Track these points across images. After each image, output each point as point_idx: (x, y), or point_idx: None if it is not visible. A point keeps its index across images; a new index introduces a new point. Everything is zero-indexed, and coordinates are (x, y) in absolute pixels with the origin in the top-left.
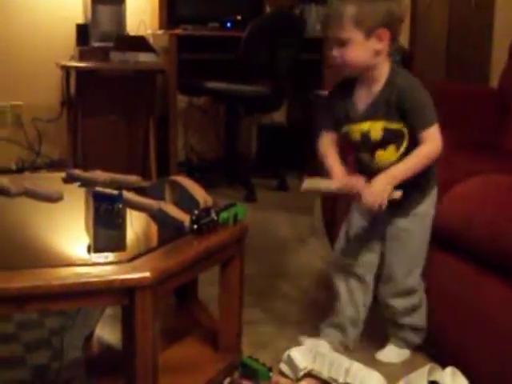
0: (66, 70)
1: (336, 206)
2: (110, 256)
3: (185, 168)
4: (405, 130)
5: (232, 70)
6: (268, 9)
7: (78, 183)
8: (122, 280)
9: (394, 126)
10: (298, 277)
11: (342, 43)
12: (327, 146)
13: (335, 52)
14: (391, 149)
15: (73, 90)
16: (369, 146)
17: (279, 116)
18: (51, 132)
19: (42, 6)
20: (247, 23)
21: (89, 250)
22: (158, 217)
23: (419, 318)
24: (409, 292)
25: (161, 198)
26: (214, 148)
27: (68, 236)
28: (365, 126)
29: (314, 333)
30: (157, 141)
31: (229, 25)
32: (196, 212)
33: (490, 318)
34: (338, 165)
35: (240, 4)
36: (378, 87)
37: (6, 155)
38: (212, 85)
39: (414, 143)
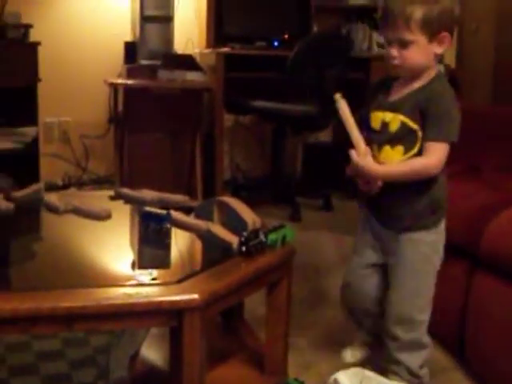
0: (114, 87)
1: None
2: (158, 277)
3: (230, 186)
4: (419, 134)
5: (279, 89)
6: (315, 28)
7: (124, 201)
8: (171, 302)
9: (412, 124)
10: None
11: (404, 44)
12: None
13: (395, 52)
14: (398, 149)
15: (120, 107)
16: (382, 138)
17: (325, 135)
18: (98, 148)
19: (91, 24)
20: (294, 42)
21: (136, 270)
22: (206, 238)
23: (416, 361)
24: (406, 321)
25: (208, 218)
26: (259, 166)
27: (116, 255)
28: (388, 116)
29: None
30: (203, 159)
31: (276, 44)
32: (245, 234)
33: None
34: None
35: (287, 23)
36: (416, 86)
37: (52, 170)
38: (258, 104)
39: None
